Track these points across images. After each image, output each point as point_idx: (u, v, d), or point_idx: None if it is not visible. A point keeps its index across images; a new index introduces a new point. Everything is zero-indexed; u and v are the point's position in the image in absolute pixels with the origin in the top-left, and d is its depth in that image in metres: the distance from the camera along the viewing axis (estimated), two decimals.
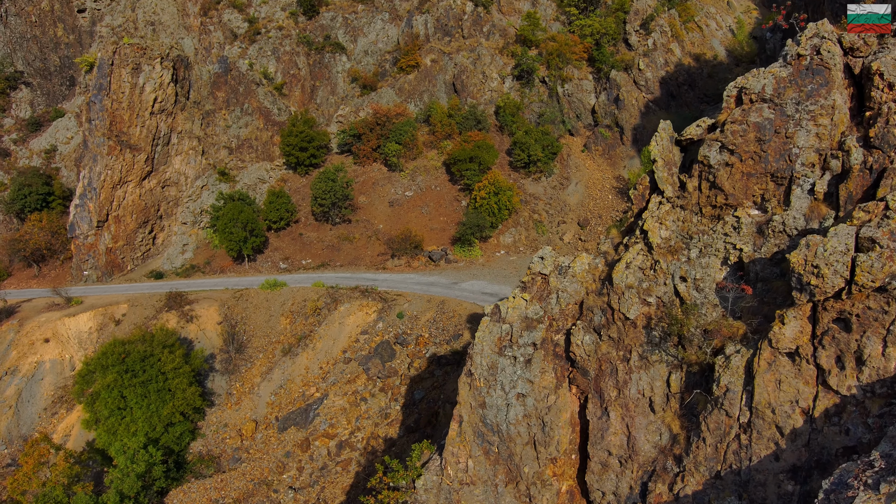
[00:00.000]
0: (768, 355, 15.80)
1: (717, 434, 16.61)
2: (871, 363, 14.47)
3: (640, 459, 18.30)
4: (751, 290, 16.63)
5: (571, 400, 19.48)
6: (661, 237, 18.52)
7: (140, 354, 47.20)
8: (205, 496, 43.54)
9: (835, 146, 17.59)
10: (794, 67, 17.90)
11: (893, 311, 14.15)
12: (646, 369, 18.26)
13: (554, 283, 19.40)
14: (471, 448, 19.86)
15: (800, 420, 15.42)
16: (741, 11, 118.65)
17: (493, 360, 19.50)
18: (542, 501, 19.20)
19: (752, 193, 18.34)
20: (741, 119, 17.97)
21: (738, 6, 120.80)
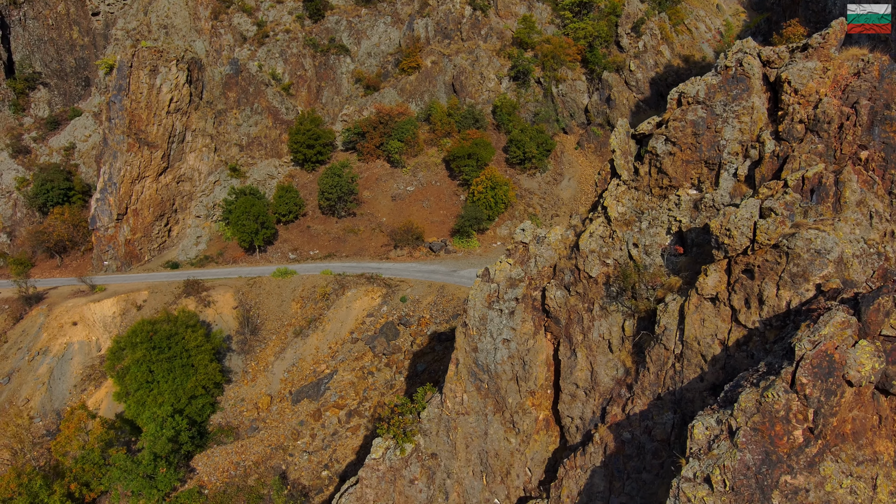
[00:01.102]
0: (696, 300, 20.35)
1: (658, 364, 21.16)
2: (769, 302, 19.02)
3: (601, 389, 22.86)
4: (682, 249, 21.17)
5: (547, 344, 23.99)
6: (618, 212, 23.05)
7: (166, 333, 51.68)
8: (227, 459, 47.99)
9: (754, 139, 22.12)
10: (723, 76, 22.44)
11: (784, 262, 18.69)
12: (605, 317, 22.81)
13: (532, 249, 23.92)
14: (465, 385, 24.37)
15: (718, 349, 19.97)
16: (730, 14, 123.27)
17: (484, 312, 24.01)
18: (522, 426, 23.73)
19: (690, 177, 22.88)
20: (681, 117, 22.49)
21: (727, 9, 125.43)
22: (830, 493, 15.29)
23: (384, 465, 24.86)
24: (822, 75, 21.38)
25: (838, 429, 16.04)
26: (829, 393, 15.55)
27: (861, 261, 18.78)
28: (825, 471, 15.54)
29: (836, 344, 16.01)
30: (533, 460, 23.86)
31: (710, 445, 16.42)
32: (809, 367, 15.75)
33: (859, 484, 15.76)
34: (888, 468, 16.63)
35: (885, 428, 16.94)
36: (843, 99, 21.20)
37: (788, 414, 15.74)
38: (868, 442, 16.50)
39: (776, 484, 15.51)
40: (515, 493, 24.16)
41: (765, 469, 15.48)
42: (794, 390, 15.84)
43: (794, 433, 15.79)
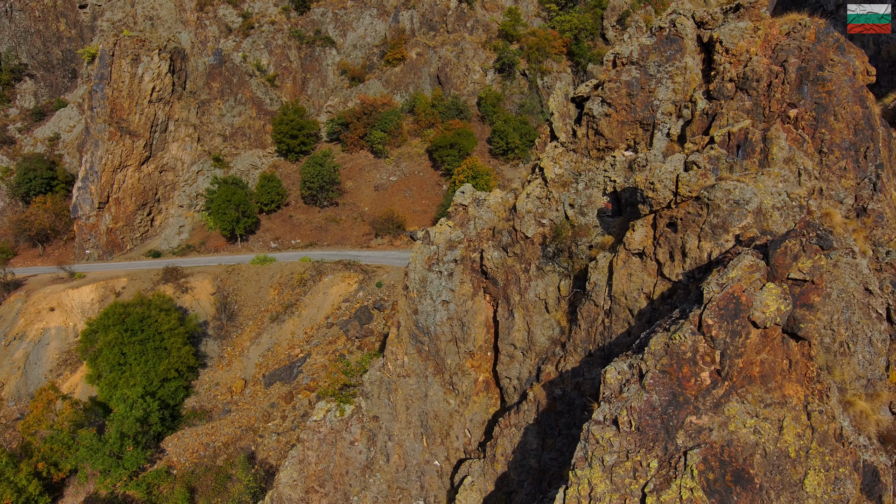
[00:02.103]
0: (623, 255, 20.47)
1: (589, 320, 21.28)
2: (691, 254, 19.15)
3: (537, 349, 22.97)
4: (611, 205, 21.31)
5: (486, 306, 24.10)
6: (555, 173, 23.17)
7: (139, 315, 51.76)
8: (197, 441, 48.06)
9: (687, 99, 22.25)
10: (657, 37, 22.57)
11: (704, 214, 18.82)
12: (541, 278, 22.93)
13: (472, 212, 24.03)
14: (406, 347, 24.48)
15: (644, 303, 20.10)
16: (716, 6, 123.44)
17: (424, 274, 24.12)
18: (461, 387, 23.84)
19: (625, 138, 23.00)
20: (616, 78, 22.61)
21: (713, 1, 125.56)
22: (734, 432, 15.40)
23: (325, 427, 24.96)
24: (753, 34, 21.53)
25: (745, 371, 16.15)
26: (735, 334, 15.66)
27: (782, 213, 18.91)
28: (730, 411, 15.65)
29: (744, 287, 16.13)
30: (472, 422, 23.98)
31: (621, 389, 16.54)
32: (716, 308, 15.87)
33: (764, 425, 15.86)
34: (797, 411, 16.74)
35: (795, 372, 17.06)
36: (772, 58, 21.35)
37: (695, 356, 15.84)
38: (777, 385, 16.61)
39: (681, 424, 15.62)
40: (455, 455, 24.28)
41: (671, 410, 15.59)
42: (700, 332, 15.97)
43: (701, 375, 15.90)
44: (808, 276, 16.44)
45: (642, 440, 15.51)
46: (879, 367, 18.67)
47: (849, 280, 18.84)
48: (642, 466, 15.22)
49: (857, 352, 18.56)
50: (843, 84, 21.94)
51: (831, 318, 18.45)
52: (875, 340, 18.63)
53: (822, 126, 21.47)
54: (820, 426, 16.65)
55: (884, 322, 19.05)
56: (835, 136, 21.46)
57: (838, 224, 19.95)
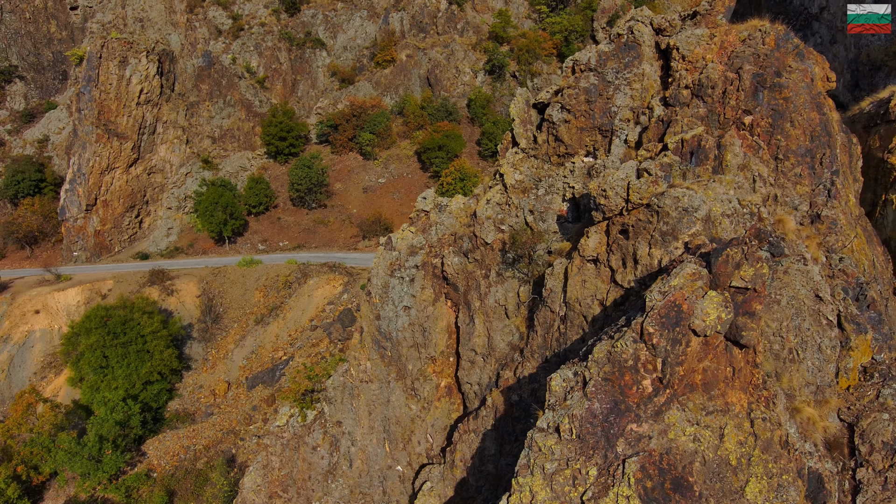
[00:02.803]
0: (578, 262, 20.53)
1: (545, 326, 21.35)
2: (642, 261, 19.22)
3: (497, 355, 23.04)
4: (566, 212, 21.38)
5: (448, 311, 24.15)
6: (515, 179, 23.24)
7: (121, 318, 51.76)
8: (178, 444, 48.09)
9: (645, 105, 22.33)
10: (616, 44, 22.65)
11: (654, 221, 18.89)
12: (501, 283, 22.99)
13: (434, 217, 24.10)
14: (369, 352, 24.53)
15: (598, 309, 20.16)
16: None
17: (386, 280, 24.17)
18: (423, 392, 23.90)
19: (585, 143, 23.08)
20: (574, 85, 22.69)
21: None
22: (673, 440, 15.45)
23: (288, 432, 25.01)
24: (709, 41, 21.61)
25: (687, 379, 16.21)
26: (676, 342, 15.72)
27: (732, 220, 18.96)
28: (670, 419, 15.70)
29: (686, 295, 16.18)
30: (434, 427, 24.03)
31: (565, 397, 16.60)
32: (657, 316, 15.92)
33: (705, 432, 15.92)
34: (740, 419, 16.80)
35: (739, 380, 17.12)
36: (728, 65, 21.43)
37: (637, 364, 15.90)
38: (720, 393, 16.67)
39: (622, 432, 15.67)
40: (417, 460, 24.34)
41: (612, 417, 15.65)
42: (642, 340, 16.02)
43: (643, 383, 15.95)
44: (750, 285, 16.52)
45: (583, 448, 15.57)
46: (829, 373, 18.74)
47: (799, 287, 18.89)
48: (581, 474, 15.27)
49: (807, 358, 18.63)
50: (800, 90, 22.04)
51: (780, 325, 18.51)
52: (824, 347, 18.70)
53: (779, 132, 21.57)
54: (763, 433, 16.71)
55: (834, 329, 19.12)
56: (791, 143, 21.55)
57: (791, 231, 20.04)
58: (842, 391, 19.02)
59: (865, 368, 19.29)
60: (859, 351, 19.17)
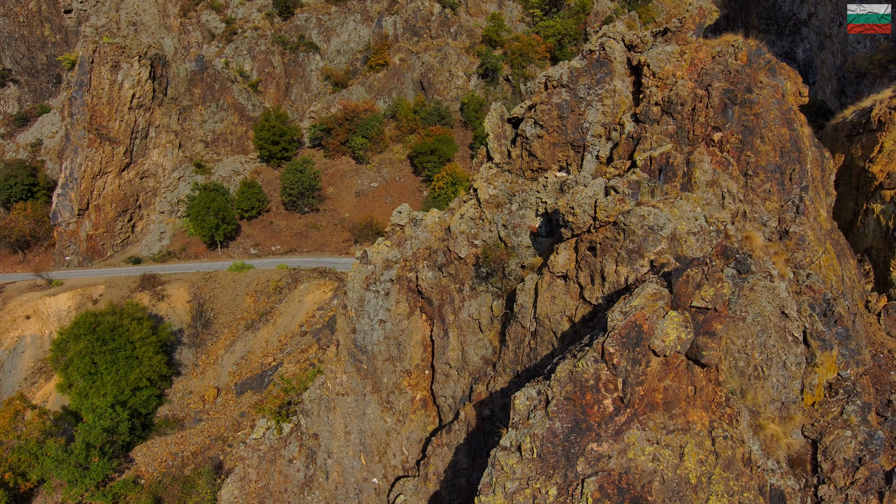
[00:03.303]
0: (548, 278, 20.69)
1: (516, 341, 21.51)
2: (609, 279, 19.38)
3: (471, 368, 23.19)
4: (536, 228, 21.54)
5: (423, 325, 24.30)
6: (489, 194, 23.39)
7: (110, 325, 51.85)
8: (166, 450, 48.19)
9: (616, 121, 22.49)
10: (588, 60, 22.81)
11: (621, 239, 19.04)
12: (475, 298, 23.15)
13: (409, 232, 24.26)
14: (345, 365, 24.68)
15: (566, 325, 20.33)
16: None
17: (362, 294, 24.32)
18: (398, 405, 24.05)
19: (557, 159, 23.24)
20: (547, 101, 22.85)
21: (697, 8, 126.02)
22: (632, 459, 15.60)
23: (265, 444, 25.15)
24: (680, 58, 21.76)
25: (648, 398, 16.36)
26: (636, 362, 15.87)
27: (698, 238, 19.10)
28: (629, 438, 15.85)
29: (647, 315, 16.32)
30: (409, 440, 24.18)
31: (528, 415, 16.73)
32: (618, 336, 16.07)
33: (664, 451, 16.07)
34: (701, 437, 16.96)
35: (700, 398, 17.28)
36: (698, 81, 21.58)
37: (598, 384, 16.04)
38: (682, 411, 16.82)
39: (583, 451, 15.82)
40: (393, 472, 24.48)
41: (573, 437, 15.79)
42: (603, 360, 16.18)
43: (604, 402, 16.10)
44: (710, 305, 16.68)
45: (543, 467, 15.71)
46: (794, 390, 18.90)
47: (766, 303, 19.04)
48: (541, 494, 15.40)
49: (772, 375, 18.78)
50: (771, 106, 22.19)
51: (746, 342, 18.65)
52: (789, 364, 18.85)
53: (748, 149, 21.71)
54: (724, 451, 16.87)
55: (800, 345, 19.28)
56: (760, 159, 21.71)
57: (758, 247, 20.20)
58: (807, 407, 19.17)
59: (831, 385, 19.46)
60: (825, 367, 19.32)
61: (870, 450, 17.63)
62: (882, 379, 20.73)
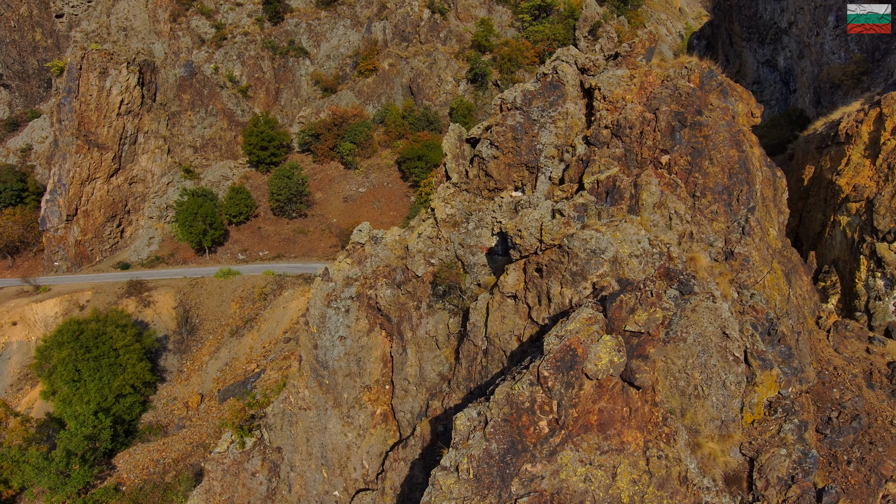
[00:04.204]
0: (498, 298, 21.18)
1: (469, 359, 22.00)
2: (555, 300, 19.87)
3: (428, 384, 23.68)
4: (485, 249, 22.03)
5: (383, 341, 24.79)
6: (447, 213, 23.87)
7: (93, 332, 52.28)
8: (148, 457, 48.65)
9: (569, 143, 23.00)
10: (542, 83, 23.31)
11: (565, 261, 19.53)
12: (432, 315, 23.63)
13: (369, 250, 24.74)
14: (307, 381, 25.17)
15: (515, 344, 20.81)
16: (692, 17, 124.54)
17: (323, 310, 24.81)
18: (359, 420, 24.54)
19: (513, 179, 23.72)
20: (502, 122, 23.33)
21: (689, 12, 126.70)
22: (564, 479, 16.09)
23: (228, 458, 25.63)
24: (629, 82, 22.23)
25: (582, 420, 16.85)
26: (569, 385, 16.36)
27: (641, 260, 19.57)
28: (562, 459, 16.34)
29: (581, 339, 16.82)
30: (369, 454, 24.65)
31: (468, 436, 17.22)
32: (552, 360, 16.57)
33: (596, 472, 16.56)
34: (635, 457, 17.44)
35: (635, 419, 17.76)
36: (646, 105, 22.06)
37: (534, 406, 16.54)
38: (616, 432, 17.30)
39: (517, 472, 16.31)
40: (354, 486, 24.96)
41: (509, 457, 16.28)
42: (539, 383, 16.68)
43: (539, 424, 16.59)
44: (643, 329, 17.17)
45: (479, 488, 16.20)
46: (733, 409, 19.39)
47: (707, 324, 19.52)
48: None
49: (712, 394, 19.27)
50: (720, 128, 22.68)
51: (686, 362, 19.14)
52: (729, 383, 19.33)
53: (697, 170, 22.20)
54: (658, 471, 17.36)
55: (741, 364, 19.75)
56: (708, 181, 22.19)
57: (703, 268, 20.68)
58: (746, 426, 19.67)
59: (771, 403, 19.95)
60: (765, 386, 19.83)
61: (803, 468, 18.14)
62: (824, 396, 21.23)
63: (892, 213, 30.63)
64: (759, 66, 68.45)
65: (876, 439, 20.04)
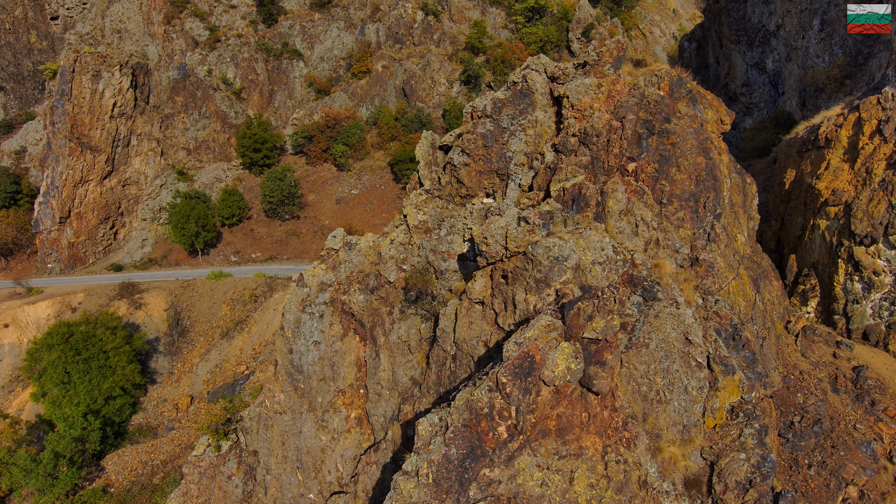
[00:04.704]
0: (466, 304, 21.47)
1: (438, 364, 22.29)
2: (520, 307, 20.16)
3: (400, 389, 23.97)
4: (454, 256, 22.31)
5: (357, 346, 25.08)
6: (419, 220, 24.16)
7: (83, 335, 52.58)
8: (136, 459, 48.94)
9: (538, 151, 23.28)
10: (512, 91, 23.60)
11: (530, 268, 19.83)
12: (404, 320, 23.92)
13: (343, 256, 25.03)
14: (283, 385, 25.47)
15: (482, 350, 21.10)
16: (686, 19, 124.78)
17: (298, 316, 25.10)
18: (333, 424, 24.83)
19: (484, 186, 24.01)
20: (473, 130, 23.64)
21: (683, 14, 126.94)
22: (521, 484, 16.38)
23: (205, 461, 25.93)
24: (597, 91, 22.53)
25: (540, 425, 17.13)
26: (527, 391, 16.65)
27: (604, 267, 19.86)
28: (519, 464, 16.63)
29: (540, 346, 17.11)
30: (343, 457, 24.94)
31: (430, 441, 17.51)
32: (511, 367, 16.86)
33: (554, 477, 16.85)
34: (593, 462, 17.73)
35: (594, 424, 18.05)
36: (613, 113, 22.35)
37: (493, 412, 16.83)
38: (575, 437, 17.59)
39: (476, 476, 16.59)
40: (328, 488, 25.25)
41: (468, 462, 16.56)
42: (497, 389, 16.97)
43: (498, 429, 16.89)
44: (601, 336, 17.48)
45: (437, 492, 16.48)
46: (695, 413, 19.67)
47: (670, 330, 19.79)
48: None
49: (674, 399, 19.55)
50: (688, 136, 22.95)
51: (648, 368, 19.42)
52: (691, 388, 19.62)
53: (664, 178, 22.48)
54: (616, 475, 17.66)
55: (703, 370, 20.04)
56: (675, 188, 22.46)
57: (667, 274, 20.97)
58: (708, 430, 19.95)
59: (733, 408, 20.23)
60: (727, 391, 20.11)
61: (761, 472, 18.42)
62: (788, 401, 21.52)
63: (869, 217, 30.90)
64: (748, 69, 68.74)
65: (838, 443, 20.32)
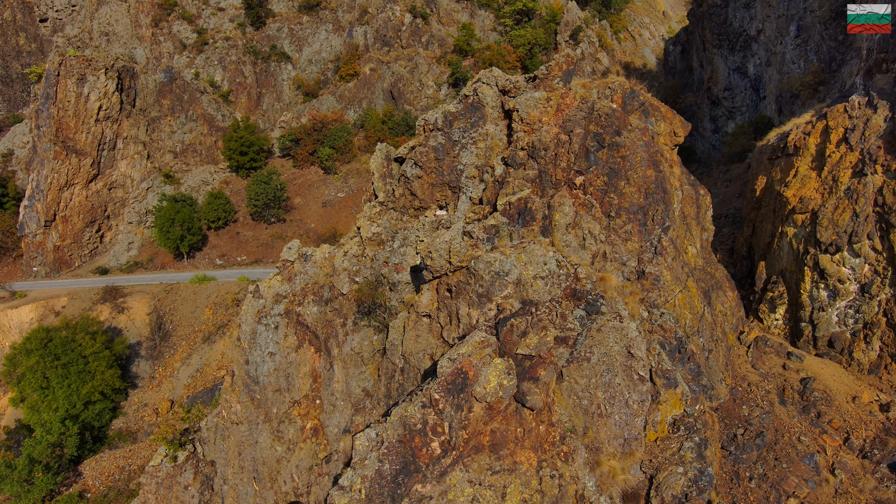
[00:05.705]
0: (414, 317, 21.59)
1: (388, 376, 22.42)
2: (463, 320, 20.28)
3: (353, 400, 24.10)
4: (403, 269, 22.44)
5: (312, 357, 25.21)
6: (372, 232, 24.29)
7: (62, 339, 52.65)
8: (114, 464, 49.04)
9: (489, 164, 23.41)
10: (463, 104, 23.72)
11: (472, 283, 19.95)
12: (357, 332, 24.05)
13: (298, 267, 25.17)
14: (239, 395, 25.61)
15: (428, 363, 21.22)
16: (676, 21, 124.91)
17: (254, 327, 25.24)
18: (288, 434, 24.96)
19: (436, 198, 24.13)
20: (425, 143, 23.76)
21: (673, 16, 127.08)
22: (452, 500, 16.51)
23: (162, 471, 26.05)
24: (546, 104, 22.64)
25: (474, 441, 17.27)
26: (459, 408, 16.79)
27: (547, 281, 19.99)
28: (451, 480, 16.77)
29: (473, 362, 17.25)
30: (298, 468, 25.05)
31: (366, 456, 17.63)
32: (444, 383, 17.00)
33: (485, 492, 16.98)
34: (527, 477, 17.86)
35: (529, 439, 18.18)
36: (562, 127, 22.47)
37: (426, 427, 16.95)
38: (509, 452, 17.72)
39: (408, 492, 16.73)
40: (285, 499, 25.36)
41: (401, 478, 16.69)
42: (431, 405, 17.10)
43: (432, 445, 17.02)
44: (534, 352, 17.63)
45: None
46: (636, 427, 19.81)
47: (613, 343, 19.92)
48: None
49: (615, 413, 19.68)
50: (637, 149, 23.07)
51: (590, 381, 19.55)
52: (632, 402, 19.76)
53: (612, 191, 22.60)
54: (550, 490, 17.80)
55: (646, 383, 20.18)
56: (623, 201, 22.57)
57: (612, 288, 21.10)
58: (650, 444, 20.09)
59: (675, 421, 20.37)
60: (669, 404, 20.24)
61: (698, 486, 18.57)
62: (733, 413, 21.66)
63: (834, 225, 31.05)
64: (730, 73, 68.88)
65: (781, 455, 20.47)
